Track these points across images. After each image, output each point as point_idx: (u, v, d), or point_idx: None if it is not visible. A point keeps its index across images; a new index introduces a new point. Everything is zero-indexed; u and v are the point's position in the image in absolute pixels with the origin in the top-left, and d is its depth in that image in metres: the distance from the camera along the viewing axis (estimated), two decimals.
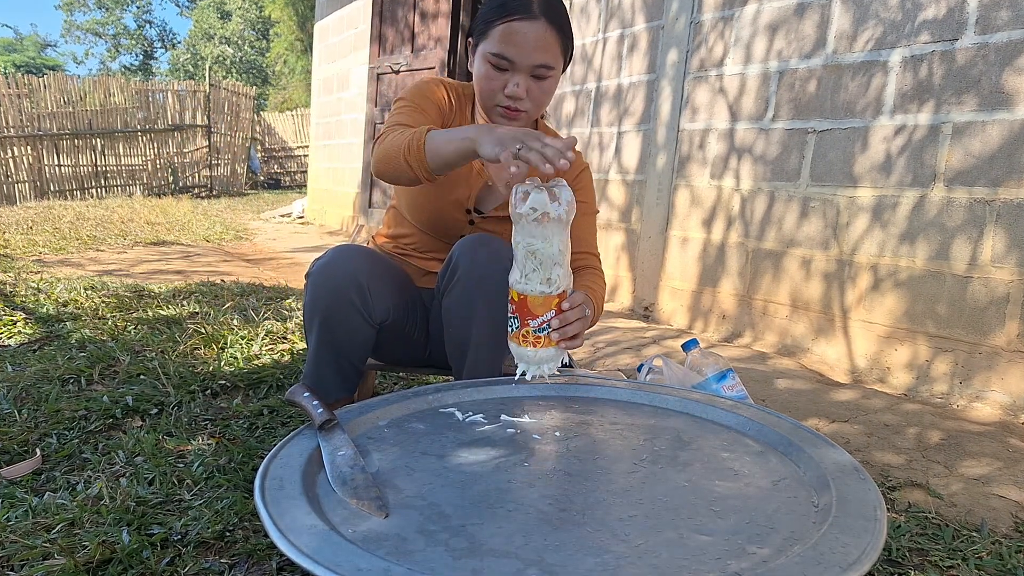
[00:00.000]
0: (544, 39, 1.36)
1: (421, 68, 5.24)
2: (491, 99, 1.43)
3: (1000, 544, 1.30)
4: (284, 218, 8.60)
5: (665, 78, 3.28)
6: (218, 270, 4.44)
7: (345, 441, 1.02)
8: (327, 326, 1.40)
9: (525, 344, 1.16)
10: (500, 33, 1.37)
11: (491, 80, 1.41)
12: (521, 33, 1.35)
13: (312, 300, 1.40)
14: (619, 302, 3.62)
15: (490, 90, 1.42)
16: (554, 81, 1.43)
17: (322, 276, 1.38)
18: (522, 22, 1.35)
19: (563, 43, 1.41)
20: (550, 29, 1.37)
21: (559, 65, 1.42)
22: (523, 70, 1.38)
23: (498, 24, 1.37)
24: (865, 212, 2.46)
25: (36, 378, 1.95)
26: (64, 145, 10.70)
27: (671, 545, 0.77)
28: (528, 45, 1.36)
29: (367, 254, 1.44)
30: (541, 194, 1.10)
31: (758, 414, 1.19)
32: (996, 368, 2.10)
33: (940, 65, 2.26)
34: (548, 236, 1.11)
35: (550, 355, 1.18)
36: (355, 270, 1.38)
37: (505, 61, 1.38)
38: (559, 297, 1.13)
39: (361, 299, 1.38)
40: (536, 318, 1.13)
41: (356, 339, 1.43)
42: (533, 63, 1.37)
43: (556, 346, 1.17)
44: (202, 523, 1.22)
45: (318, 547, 0.72)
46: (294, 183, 15.85)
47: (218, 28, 31.96)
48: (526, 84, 1.39)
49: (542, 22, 1.36)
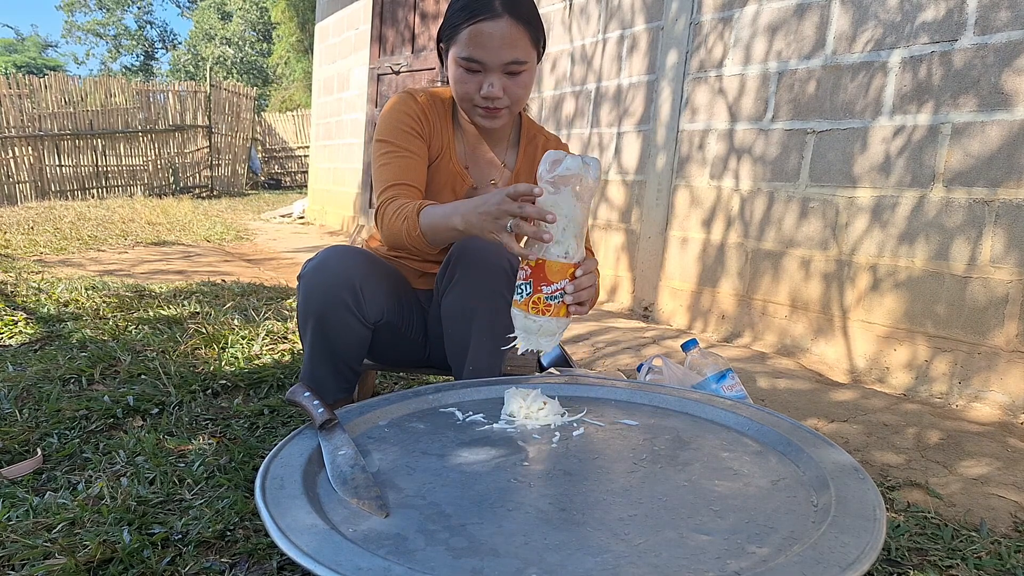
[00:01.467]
0: (511, 36, 1.36)
1: (421, 68, 5.24)
2: (468, 101, 1.43)
3: (999, 544, 1.30)
4: (285, 218, 8.60)
5: (665, 79, 3.28)
6: (219, 270, 4.44)
7: (345, 441, 1.02)
8: (321, 327, 1.40)
9: (534, 311, 1.14)
10: (467, 36, 1.36)
11: (465, 83, 1.40)
12: (487, 34, 1.35)
13: (304, 301, 1.40)
14: (619, 302, 3.62)
15: (466, 93, 1.42)
16: (530, 74, 1.43)
17: (314, 277, 1.38)
18: (487, 22, 1.35)
19: (532, 35, 1.40)
20: (516, 25, 1.36)
21: (531, 57, 1.41)
22: (495, 69, 1.38)
23: (464, 27, 1.37)
24: (864, 212, 2.46)
25: (37, 378, 1.95)
26: (65, 145, 10.70)
27: (671, 545, 0.77)
28: (496, 45, 1.35)
29: (359, 254, 1.44)
30: (576, 159, 1.11)
31: (757, 414, 1.19)
32: (995, 368, 2.10)
33: (939, 66, 2.26)
34: (574, 203, 1.11)
35: (554, 326, 1.16)
36: (347, 270, 1.38)
37: (476, 64, 1.38)
38: (574, 266, 1.14)
39: (354, 299, 1.38)
40: (551, 284, 1.13)
41: (351, 340, 1.43)
42: (504, 61, 1.37)
43: (563, 316, 1.15)
44: (203, 523, 1.22)
45: (318, 546, 0.72)
46: (295, 183, 15.86)
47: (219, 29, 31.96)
48: (501, 83, 1.39)
49: (506, 19, 1.35)
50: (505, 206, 1.11)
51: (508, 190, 1.11)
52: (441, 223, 1.27)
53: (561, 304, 1.14)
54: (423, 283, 1.63)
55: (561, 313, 1.15)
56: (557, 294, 1.13)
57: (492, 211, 1.13)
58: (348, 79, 6.93)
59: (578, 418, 1.21)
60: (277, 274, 4.45)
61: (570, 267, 1.13)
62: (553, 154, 1.12)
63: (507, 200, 1.11)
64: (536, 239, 1.10)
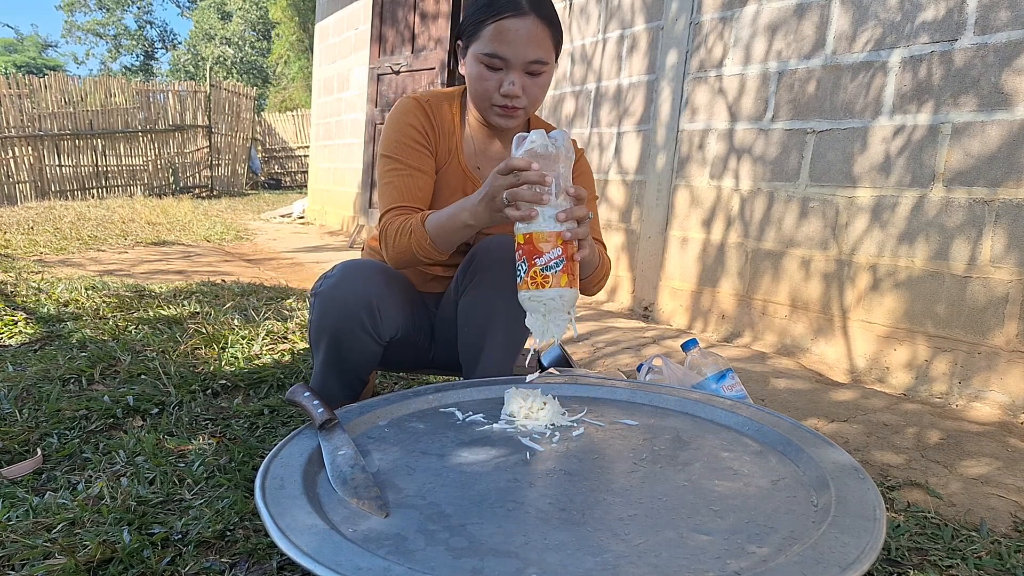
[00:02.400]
0: (536, 34, 1.35)
1: (421, 68, 5.24)
2: (487, 99, 1.42)
3: (999, 544, 1.30)
4: (284, 218, 8.60)
5: (665, 78, 3.28)
6: (219, 270, 4.44)
7: (345, 441, 1.02)
8: (335, 344, 1.39)
9: (534, 286, 1.15)
10: (491, 32, 1.35)
11: (485, 80, 1.39)
12: (513, 31, 1.34)
13: (320, 318, 1.39)
14: (619, 302, 3.62)
15: (485, 91, 1.41)
16: (548, 76, 1.42)
17: (331, 295, 1.37)
18: (513, 19, 1.34)
19: (554, 36, 1.40)
20: (540, 23, 1.36)
21: (552, 59, 1.41)
22: (517, 67, 1.37)
23: (488, 23, 1.36)
24: (864, 212, 2.46)
25: (37, 378, 1.95)
26: (65, 145, 10.70)
27: (671, 545, 0.77)
28: (520, 42, 1.35)
29: (376, 271, 1.42)
30: (540, 133, 1.16)
31: (757, 414, 1.19)
32: (995, 368, 2.10)
33: (939, 65, 2.26)
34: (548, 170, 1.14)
35: (558, 298, 1.15)
36: (365, 290, 1.37)
37: (498, 60, 1.37)
38: (560, 234, 1.14)
39: (371, 319, 1.38)
40: (542, 255, 1.14)
41: (364, 356, 1.43)
42: (527, 59, 1.36)
43: (565, 286, 1.15)
44: (203, 523, 1.22)
45: (318, 546, 0.72)
46: (294, 183, 15.85)
47: (219, 29, 31.95)
48: (521, 81, 1.38)
49: (532, 17, 1.35)
50: (497, 182, 1.16)
51: (498, 167, 1.16)
52: (449, 224, 1.28)
53: (561, 273, 1.14)
54: (430, 287, 1.63)
55: (563, 283, 1.15)
56: (552, 263, 1.14)
57: (488, 193, 1.18)
58: (348, 79, 6.93)
59: (578, 418, 1.21)
60: (277, 274, 4.45)
61: (559, 236, 1.15)
62: (520, 135, 1.17)
63: (498, 176, 1.16)
64: (536, 202, 1.12)
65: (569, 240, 1.15)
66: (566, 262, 1.15)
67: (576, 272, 1.18)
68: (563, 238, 1.14)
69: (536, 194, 1.12)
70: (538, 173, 1.11)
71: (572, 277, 1.16)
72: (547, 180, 1.12)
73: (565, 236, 1.14)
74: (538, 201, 1.12)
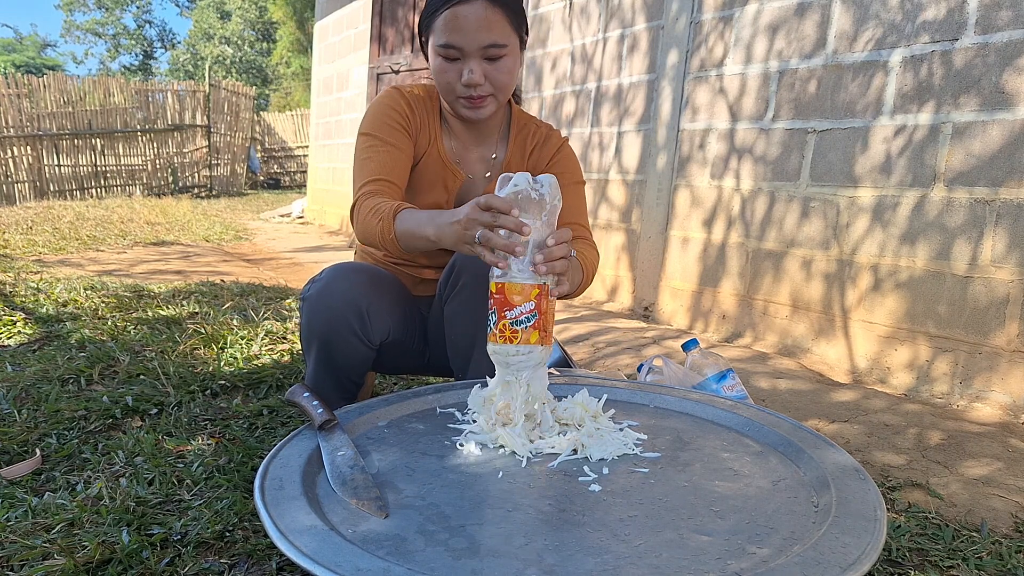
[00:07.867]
0: (487, 17, 1.32)
1: (421, 68, 5.24)
2: (451, 93, 1.39)
3: (1000, 544, 1.30)
4: (284, 218, 8.60)
5: (665, 78, 3.28)
6: (218, 270, 4.43)
7: (345, 441, 1.02)
8: (325, 349, 1.39)
9: (502, 340, 1.07)
10: (442, 22, 1.34)
11: (446, 72, 1.37)
12: (463, 17, 1.32)
13: (308, 324, 1.38)
14: (619, 302, 3.62)
15: (447, 83, 1.38)
16: (511, 59, 1.38)
17: (319, 301, 1.35)
18: (461, 6, 1.32)
19: (510, 18, 1.36)
20: (491, 6, 1.33)
21: (512, 41, 1.37)
22: (473, 54, 1.34)
23: (440, 14, 1.34)
24: (865, 212, 2.46)
25: (36, 378, 1.95)
26: (64, 145, 10.69)
27: (671, 545, 0.77)
28: (471, 28, 1.32)
29: (365, 273, 1.41)
30: (524, 175, 1.08)
31: (758, 414, 1.19)
32: (997, 368, 2.10)
33: (940, 65, 2.26)
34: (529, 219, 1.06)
35: (526, 356, 1.07)
36: (353, 294, 1.36)
37: (454, 50, 1.34)
38: (539, 288, 1.07)
39: (360, 324, 1.36)
40: (514, 308, 1.06)
41: (355, 361, 1.42)
42: (482, 44, 1.33)
43: (536, 343, 1.08)
44: (202, 523, 1.21)
45: (318, 547, 0.72)
46: (294, 183, 15.85)
47: (218, 28, 31.95)
48: (481, 68, 1.35)
49: (481, 1, 1.32)
50: (474, 215, 1.07)
51: (479, 200, 1.08)
52: (416, 231, 1.23)
53: (531, 329, 1.06)
54: (422, 290, 1.61)
55: (532, 339, 1.07)
56: (523, 318, 1.06)
57: (462, 222, 1.10)
58: (347, 78, 6.93)
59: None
60: (276, 274, 4.44)
61: (533, 289, 1.06)
62: (505, 175, 1.10)
63: (476, 209, 1.07)
64: (508, 252, 1.05)
65: (544, 292, 1.07)
66: (538, 317, 1.07)
67: (550, 327, 1.10)
68: (538, 290, 1.06)
69: (509, 244, 1.04)
70: (516, 220, 1.03)
71: (544, 334, 1.08)
72: (524, 230, 1.04)
73: (540, 283, 1.06)
74: (510, 251, 1.04)
